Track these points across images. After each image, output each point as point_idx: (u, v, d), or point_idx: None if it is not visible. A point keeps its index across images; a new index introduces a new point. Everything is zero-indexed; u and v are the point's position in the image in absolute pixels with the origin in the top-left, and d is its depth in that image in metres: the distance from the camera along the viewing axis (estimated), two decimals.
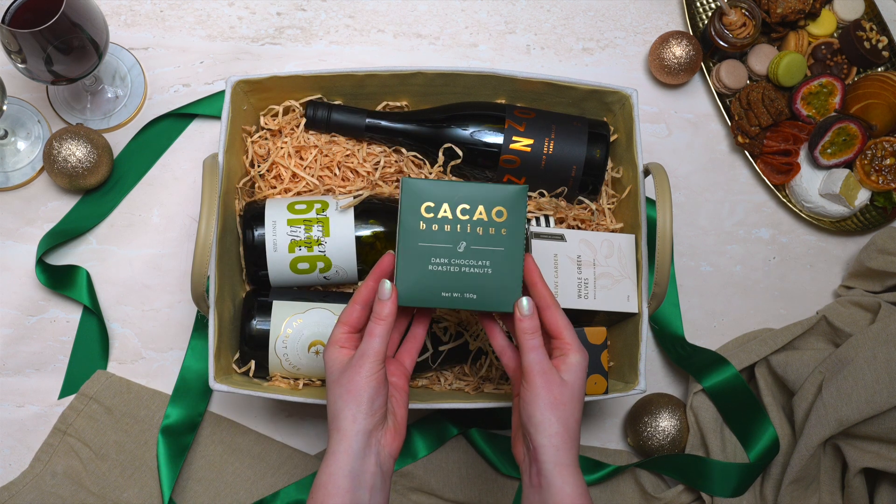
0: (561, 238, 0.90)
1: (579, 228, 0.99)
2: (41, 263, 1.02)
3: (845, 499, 1.00)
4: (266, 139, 0.98)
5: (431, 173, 0.96)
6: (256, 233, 0.90)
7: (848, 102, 1.08)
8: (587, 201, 0.98)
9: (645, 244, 0.92)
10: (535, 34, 1.11)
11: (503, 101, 0.98)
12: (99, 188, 1.05)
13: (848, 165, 1.07)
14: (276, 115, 0.98)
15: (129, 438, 1.00)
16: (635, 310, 0.91)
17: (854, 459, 0.97)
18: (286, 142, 0.97)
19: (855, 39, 1.08)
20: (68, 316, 1.03)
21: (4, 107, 0.96)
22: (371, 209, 0.92)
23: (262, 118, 0.98)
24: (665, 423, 1.01)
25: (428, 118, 0.96)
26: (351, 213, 0.91)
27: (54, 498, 0.98)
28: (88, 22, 0.89)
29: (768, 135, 1.08)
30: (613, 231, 0.98)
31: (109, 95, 1.07)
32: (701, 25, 1.11)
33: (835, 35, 1.11)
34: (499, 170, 0.96)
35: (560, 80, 0.94)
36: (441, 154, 0.95)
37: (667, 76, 1.08)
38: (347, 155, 0.97)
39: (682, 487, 1.01)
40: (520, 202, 0.75)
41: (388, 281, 0.73)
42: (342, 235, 0.90)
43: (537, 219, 0.96)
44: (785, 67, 1.06)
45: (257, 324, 0.90)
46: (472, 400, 0.90)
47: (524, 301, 0.73)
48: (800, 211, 1.08)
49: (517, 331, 0.73)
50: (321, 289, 0.96)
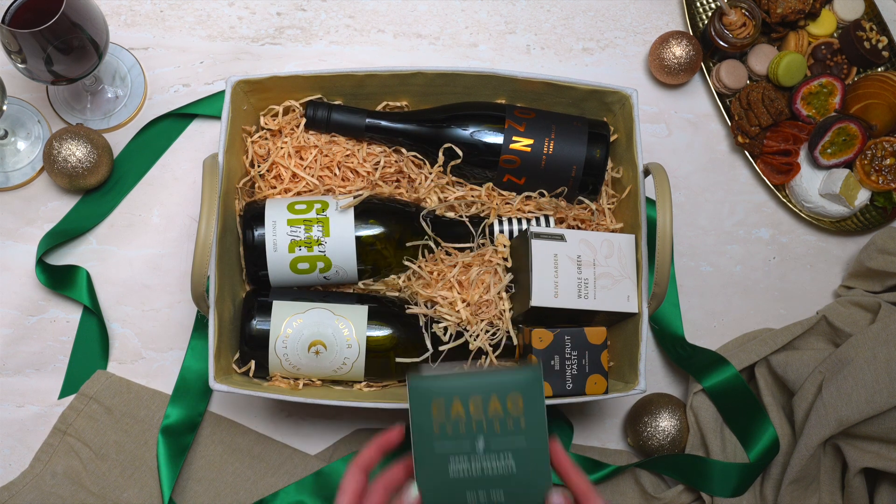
0: (561, 238, 0.90)
1: (579, 228, 0.99)
2: (41, 263, 1.02)
3: (845, 499, 1.00)
4: (266, 139, 0.98)
5: (431, 173, 0.96)
6: (256, 233, 0.90)
7: (848, 102, 1.08)
8: (587, 201, 0.98)
9: (645, 244, 0.92)
10: (535, 34, 1.11)
11: (503, 101, 0.98)
12: (99, 188, 1.05)
13: (848, 165, 1.07)
14: (276, 115, 0.98)
15: (129, 438, 1.00)
16: (635, 310, 0.91)
17: (854, 459, 0.97)
18: (286, 142, 0.97)
19: (855, 39, 1.08)
20: (68, 316, 1.03)
21: (4, 107, 0.96)
22: (371, 209, 0.92)
23: (262, 118, 0.98)
24: (665, 423, 1.01)
25: (428, 118, 0.96)
26: (351, 213, 0.91)
27: (54, 498, 0.98)
28: (88, 22, 0.89)
29: (768, 135, 1.08)
30: (613, 231, 0.98)
31: (109, 95, 1.07)
32: (701, 25, 1.11)
33: (835, 35, 1.11)
34: (499, 170, 0.96)
35: (560, 80, 0.94)
36: (441, 154, 0.95)
37: (667, 76, 1.08)
38: (347, 155, 0.97)
39: (682, 487, 1.01)
40: (535, 386, 0.68)
41: (416, 486, 0.68)
42: (342, 235, 0.90)
43: (537, 219, 0.96)
44: (785, 67, 1.06)
45: (257, 324, 0.90)
46: None
47: (553, 499, 0.68)
48: (800, 211, 1.08)
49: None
50: (321, 289, 0.96)
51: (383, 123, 0.96)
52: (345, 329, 0.90)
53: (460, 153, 0.94)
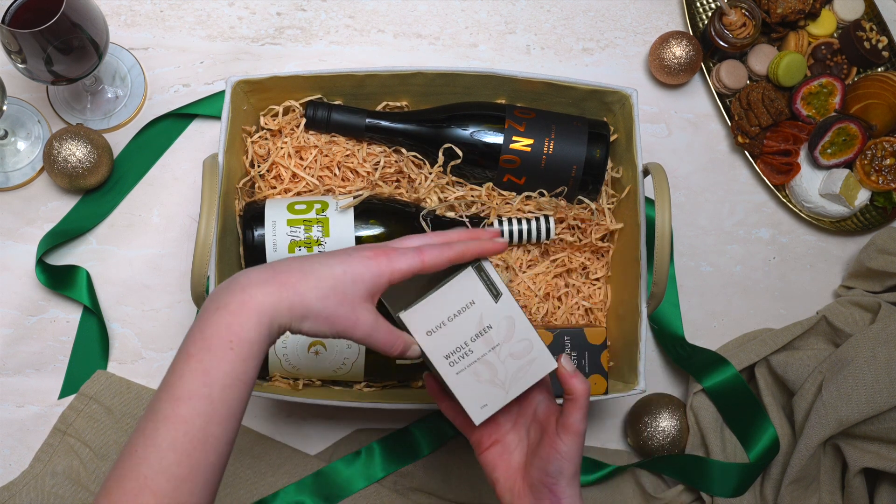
0: (496, 294, 0.70)
1: (579, 228, 0.99)
2: (41, 263, 1.02)
3: (845, 499, 1.00)
4: (266, 139, 0.98)
5: (431, 173, 0.96)
6: (256, 233, 0.90)
7: (848, 102, 1.08)
8: (587, 201, 0.98)
9: (644, 244, 0.92)
10: (535, 34, 1.11)
11: (503, 101, 0.98)
12: (99, 188, 1.05)
13: (848, 165, 1.07)
14: (276, 116, 0.98)
15: None
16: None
17: (854, 459, 0.97)
18: (286, 142, 0.97)
19: (855, 39, 1.08)
20: (68, 316, 1.03)
21: (4, 107, 0.96)
22: (371, 209, 0.92)
23: (262, 118, 0.98)
24: (665, 424, 1.01)
25: (428, 118, 0.96)
26: (351, 214, 0.91)
27: (54, 498, 0.98)
28: (88, 22, 0.90)
29: (768, 135, 1.08)
30: (613, 231, 0.98)
31: (109, 95, 1.07)
32: (701, 25, 1.11)
33: (835, 35, 1.11)
34: (499, 170, 0.96)
35: (560, 80, 0.94)
36: (441, 154, 0.95)
37: (667, 76, 1.08)
38: (347, 155, 0.98)
39: (682, 487, 1.01)
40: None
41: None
42: (342, 236, 0.90)
43: (537, 218, 0.96)
44: (785, 67, 1.06)
45: None
46: None
47: (563, 360, 0.70)
48: (800, 211, 1.08)
49: (574, 392, 0.69)
50: None
51: (383, 123, 0.96)
52: None
53: (460, 153, 0.94)
